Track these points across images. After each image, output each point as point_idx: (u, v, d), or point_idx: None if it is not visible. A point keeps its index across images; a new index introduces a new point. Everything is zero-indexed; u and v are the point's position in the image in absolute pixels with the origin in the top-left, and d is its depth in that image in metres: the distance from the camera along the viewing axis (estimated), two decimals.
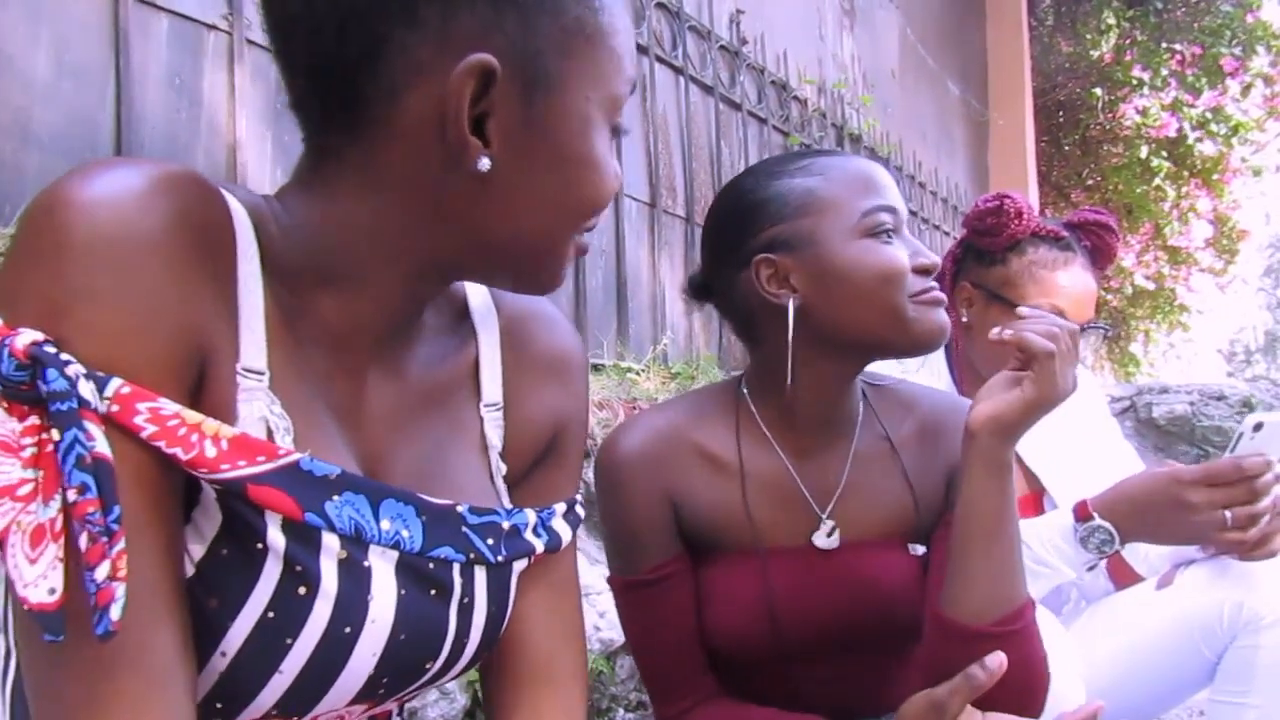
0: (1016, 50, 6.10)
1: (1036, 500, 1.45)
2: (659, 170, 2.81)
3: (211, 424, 0.53)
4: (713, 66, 3.09)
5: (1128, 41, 6.65)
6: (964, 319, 1.47)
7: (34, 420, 0.48)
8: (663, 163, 2.85)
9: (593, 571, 1.77)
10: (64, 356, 0.48)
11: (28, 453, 0.48)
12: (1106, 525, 1.20)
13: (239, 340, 0.56)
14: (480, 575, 0.66)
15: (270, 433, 0.56)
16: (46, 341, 0.48)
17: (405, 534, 0.61)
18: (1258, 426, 1.16)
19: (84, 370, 0.49)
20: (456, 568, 0.64)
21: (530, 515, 0.71)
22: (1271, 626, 1.16)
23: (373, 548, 0.59)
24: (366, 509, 0.59)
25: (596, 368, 2.40)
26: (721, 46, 3.15)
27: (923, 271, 0.92)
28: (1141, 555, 1.39)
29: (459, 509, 0.65)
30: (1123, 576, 1.40)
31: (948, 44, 5.53)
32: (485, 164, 0.57)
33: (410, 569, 0.62)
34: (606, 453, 0.98)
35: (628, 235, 2.67)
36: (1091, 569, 1.28)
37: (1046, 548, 1.23)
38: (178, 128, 1.57)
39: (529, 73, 0.58)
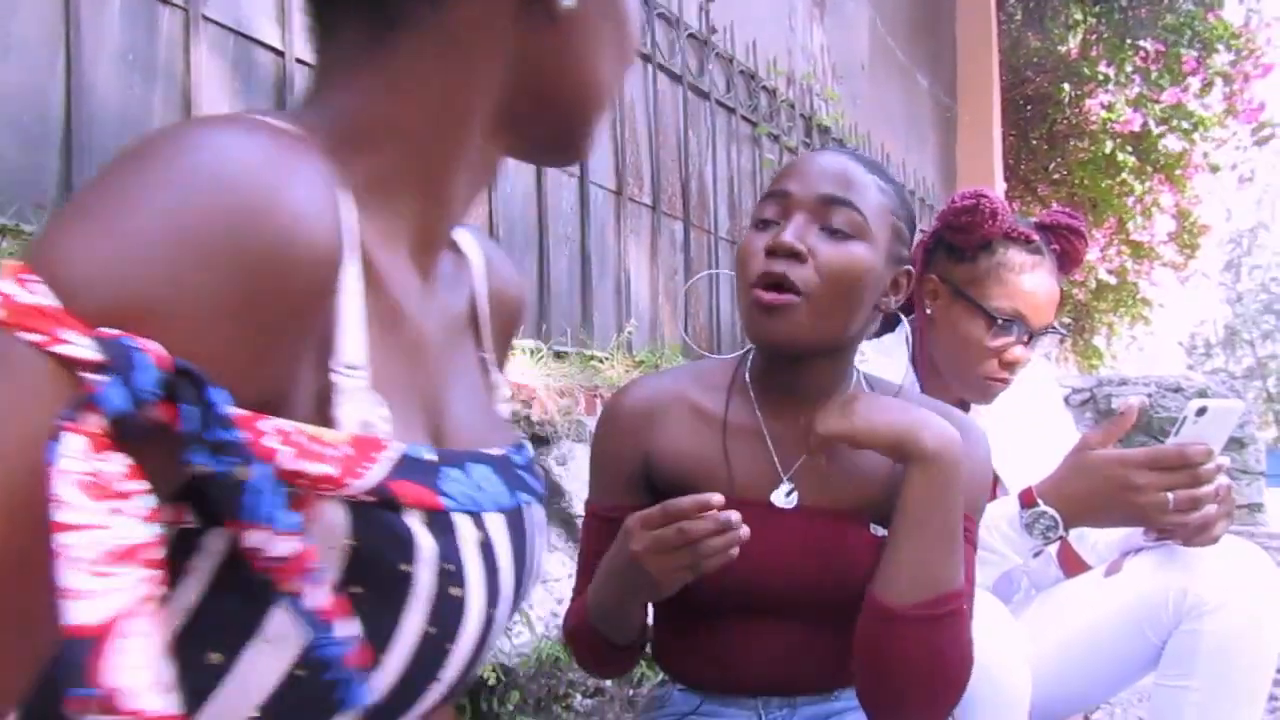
0: (985, 44, 6.14)
1: (990, 491, 1.46)
2: (625, 158, 2.81)
3: (328, 432, 0.46)
4: (681, 55, 3.08)
5: (1094, 37, 6.72)
6: (928, 310, 1.47)
7: (132, 458, 0.37)
8: (629, 151, 2.84)
9: (552, 559, 1.76)
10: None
11: (142, 502, 0.37)
12: (1051, 511, 1.21)
13: (336, 340, 0.48)
14: (540, 515, 0.63)
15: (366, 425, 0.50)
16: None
17: (499, 491, 0.57)
18: (1201, 411, 1.18)
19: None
20: (530, 509, 0.61)
21: (530, 448, 0.68)
22: (1214, 612, 1.18)
23: (486, 517, 0.54)
24: (469, 481, 0.54)
25: (560, 355, 2.39)
26: (690, 35, 3.14)
27: (769, 252, 0.95)
28: (1090, 544, 1.41)
29: (509, 455, 0.61)
30: (1072, 566, 1.42)
31: (918, 37, 5.56)
32: (571, 2, 0.56)
33: (511, 528, 0.57)
34: (612, 399, 1.07)
35: (593, 223, 2.66)
36: (1038, 555, 1.30)
37: (994, 534, 1.24)
38: (131, 103, 1.54)
39: None
